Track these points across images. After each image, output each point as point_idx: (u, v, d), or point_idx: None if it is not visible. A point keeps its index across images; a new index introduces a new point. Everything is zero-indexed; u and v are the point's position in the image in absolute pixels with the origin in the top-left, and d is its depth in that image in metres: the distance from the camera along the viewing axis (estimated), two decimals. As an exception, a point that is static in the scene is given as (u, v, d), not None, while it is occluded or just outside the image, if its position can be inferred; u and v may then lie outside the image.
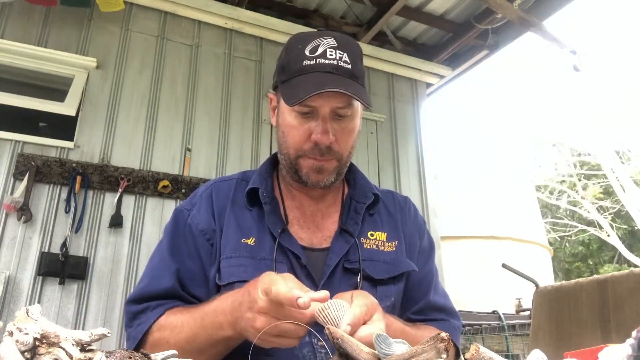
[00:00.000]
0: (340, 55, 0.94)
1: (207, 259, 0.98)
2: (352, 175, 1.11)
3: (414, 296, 1.06)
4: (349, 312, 0.70)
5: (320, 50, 0.94)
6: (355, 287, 0.94)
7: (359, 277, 0.95)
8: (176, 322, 0.88)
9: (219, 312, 0.81)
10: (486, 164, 9.45)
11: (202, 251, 0.99)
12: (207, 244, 0.99)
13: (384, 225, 1.06)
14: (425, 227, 1.15)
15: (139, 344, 0.90)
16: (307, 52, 0.94)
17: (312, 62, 0.93)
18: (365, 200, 1.06)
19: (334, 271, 0.96)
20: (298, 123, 0.95)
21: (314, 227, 1.03)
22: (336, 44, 0.95)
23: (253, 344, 0.72)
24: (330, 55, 0.93)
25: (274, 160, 1.11)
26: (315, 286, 0.93)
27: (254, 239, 0.97)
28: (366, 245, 1.01)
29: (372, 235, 1.03)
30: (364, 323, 0.71)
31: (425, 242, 1.12)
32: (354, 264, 0.97)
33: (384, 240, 1.03)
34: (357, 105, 0.98)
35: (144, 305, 0.94)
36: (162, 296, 0.95)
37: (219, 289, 0.95)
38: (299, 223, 1.02)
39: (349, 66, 0.94)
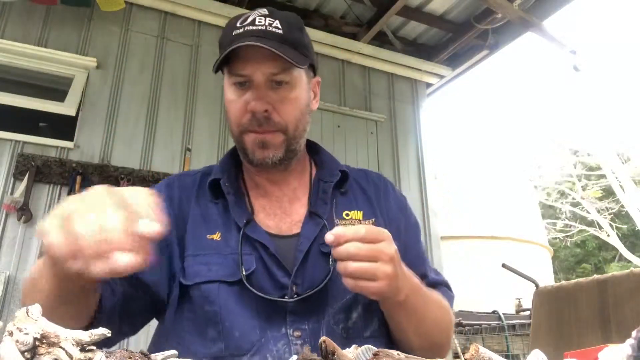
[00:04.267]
0: (271, 22, 0.89)
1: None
2: (319, 157, 1.06)
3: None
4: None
5: (249, 20, 0.90)
6: (329, 271, 0.88)
7: (330, 259, 0.87)
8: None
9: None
10: (486, 164, 9.45)
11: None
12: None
13: (359, 203, 1.01)
14: (406, 201, 1.10)
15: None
16: (237, 24, 0.90)
17: (241, 30, 0.89)
18: (332, 179, 1.00)
19: (306, 257, 0.90)
20: (236, 96, 0.91)
21: (282, 213, 0.97)
22: (267, 13, 0.91)
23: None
24: (259, 22, 0.89)
25: (236, 151, 1.03)
26: (287, 275, 0.87)
27: (219, 233, 0.91)
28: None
29: (347, 215, 0.97)
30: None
31: (411, 218, 1.07)
32: (329, 247, 0.89)
33: (360, 219, 0.97)
34: (299, 74, 0.93)
35: None
36: None
37: (182, 292, 0.88)
38: (265, 211, 0.96)
39: (280, 31, 0.88)
